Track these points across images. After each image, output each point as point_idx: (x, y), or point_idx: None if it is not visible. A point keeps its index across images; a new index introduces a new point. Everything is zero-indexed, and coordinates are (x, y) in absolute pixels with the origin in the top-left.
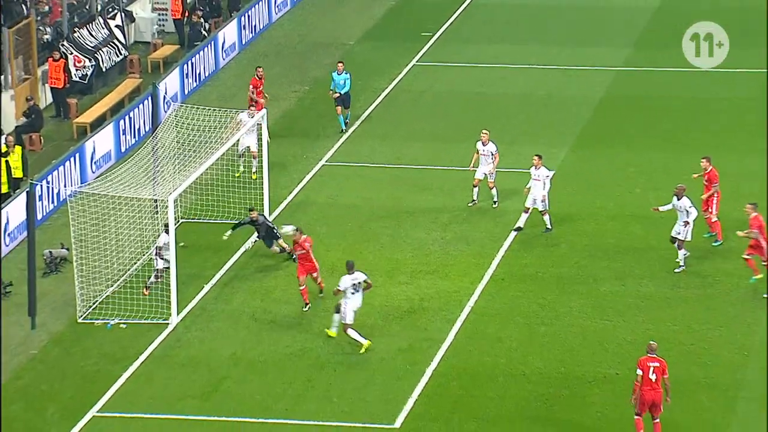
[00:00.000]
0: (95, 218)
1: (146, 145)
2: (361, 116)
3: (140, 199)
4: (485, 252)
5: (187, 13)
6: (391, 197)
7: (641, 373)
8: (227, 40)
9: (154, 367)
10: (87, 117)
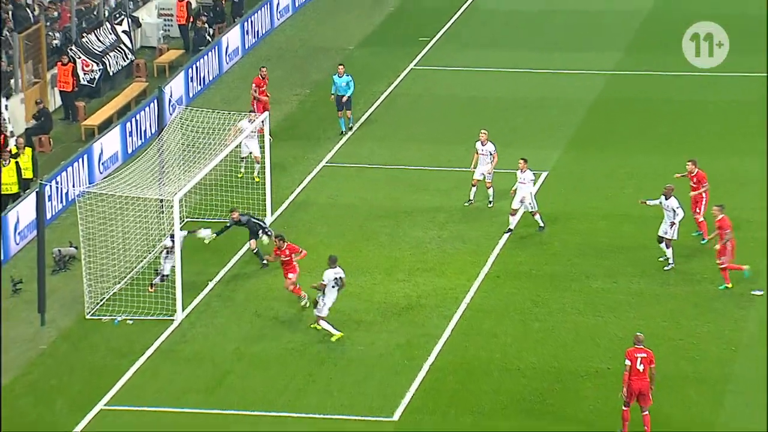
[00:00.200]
0: (103, 217)
1: (152, 147)
2: (361, 119)
3: (146, 199)
4: (481, 250)
5: (192, 19)
6: (390, 197)
7: (629, 364)
8: (231, 45)
9: (160, 362)
10: (95, 119)
